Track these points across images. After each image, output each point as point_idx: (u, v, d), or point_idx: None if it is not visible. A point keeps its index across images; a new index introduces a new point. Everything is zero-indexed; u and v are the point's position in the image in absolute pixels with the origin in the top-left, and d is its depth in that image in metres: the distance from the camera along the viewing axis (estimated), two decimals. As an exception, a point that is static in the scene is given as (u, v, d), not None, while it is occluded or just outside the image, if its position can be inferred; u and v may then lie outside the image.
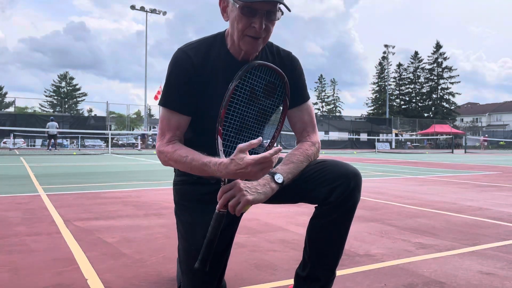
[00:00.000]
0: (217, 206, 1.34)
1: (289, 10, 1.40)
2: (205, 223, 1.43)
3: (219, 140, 1.39)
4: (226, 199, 1.31)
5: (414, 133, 49.29)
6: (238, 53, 1.49)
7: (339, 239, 1.45)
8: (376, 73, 67.87)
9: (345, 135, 40.54)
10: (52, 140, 21.16)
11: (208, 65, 1.49)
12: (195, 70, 1.48)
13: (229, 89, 1.41)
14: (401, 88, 65.69)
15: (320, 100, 74.66)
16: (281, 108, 1.55)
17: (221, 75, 1.48)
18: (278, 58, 1.59)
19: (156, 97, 33.33)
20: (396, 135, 44.46)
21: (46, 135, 21.32)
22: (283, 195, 1.44)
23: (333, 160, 1.47)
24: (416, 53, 64.71)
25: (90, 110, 58.81)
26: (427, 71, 63.62)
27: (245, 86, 1.44)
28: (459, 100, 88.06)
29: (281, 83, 1.52)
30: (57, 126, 21.36)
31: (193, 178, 1.58)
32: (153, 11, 35.38)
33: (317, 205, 1.45)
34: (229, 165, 1.26)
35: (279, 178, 1.37)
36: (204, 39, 1.55)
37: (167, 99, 1.49)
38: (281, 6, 1.39)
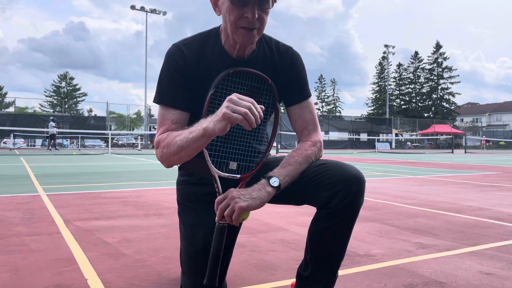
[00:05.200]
0: (216, 218, 1.32)
1: None
2: (207, 224, 1.43)
3: (204, 150, 1.37)
4: (222, 210, 1.29)
5: (414, 133, 49.27)
6: (233, 48, 1.45)
7: (340, 243, 1.40)
8: (376, 73, 67.94)
9: (345, 135, 40.52)
10: (52, 140, 21.02)
11: (202, 62, 1.45)
12: (189, 67, 1.44)
13: (206, 98, 1.38)
14: (401, 88, 65.68)
15: (320, 100, 74.67)
16: (273, 110, 1.52)
17: (215, 73, 1.43)
18: (277, 53, 1.53)
19: None
20: (396, 135, 44.44)
21: (46, 135, 21.13)
22: (284, 197, 1.41)
23: (335, 162, 1.41)
24: (416, 53, 64.72)
25: (90, 110, 58.82)
26: (427, 71, 63.61)
27: (223, 94, 1.39)
28: (459, 100, 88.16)
29: (266, 86, 1.47)
30: (54, 125, 20.73)
31: (195, 178, 1.57)
32: (153, 11, 35.38)
33: (318, 207, 1.41)
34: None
35: (274, 181, 1.33)
36: (199, 35, 1.51)
37: (161, 96, 1.45)
38: None
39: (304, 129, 1.55)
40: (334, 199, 1.32)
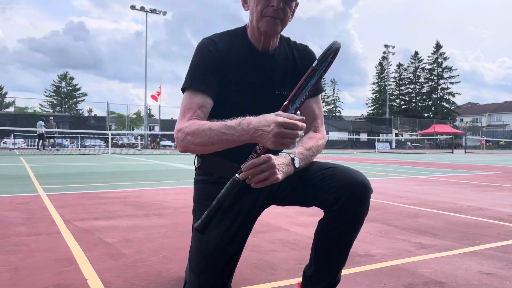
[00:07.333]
0: (240, 174, 1.28)
1: None
2: (220, 224, 1.44)
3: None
4: (256, 172, 1.26)
5: (414, 133, 49.28)
6: (258, 42, 1.54)
7: (342, 247, 1.43)
8: (376, 73, 67.94)
9: (345, 135, 40.54)
10: (41, 140, 20.21)
11: (231, 53, 1.54)
12: (220, 55, 1.51)
13: (321, 70, 1.27)
14: (401, 88, 65.68)
15: (320, 100, 74.61)
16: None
17: (242, 63, 1.53)
18: (296, 51, 1.64)
19: (153, 96, 33.18)
20: (396, 135, 44.45)
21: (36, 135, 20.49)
22: (295, 199, 1.46)
23: (343, 167, 1.44)
24: (416, 53, 64.73)
25: (90, 110, 58.78)
26: (427, 71, 63.62)
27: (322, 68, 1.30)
28: (459, 100, 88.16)
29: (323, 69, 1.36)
30: (44, 125, 20.00)
31: (214, 177, 1.58)
32: (153, 11, 35.37)
33: (324, 209, 1.44)
34: (253, 120, 1.21)
35: (297, 162, 1.37)
36: (227, 31, 1.61)
37: (191, 80, 1.47)
38: None
39: (314, 121, 1.63)
40: (339, 202, 1.36)
